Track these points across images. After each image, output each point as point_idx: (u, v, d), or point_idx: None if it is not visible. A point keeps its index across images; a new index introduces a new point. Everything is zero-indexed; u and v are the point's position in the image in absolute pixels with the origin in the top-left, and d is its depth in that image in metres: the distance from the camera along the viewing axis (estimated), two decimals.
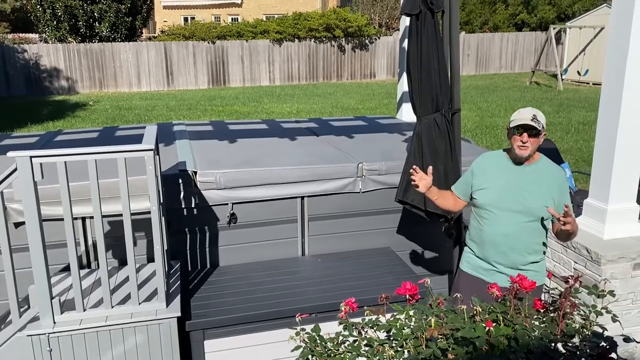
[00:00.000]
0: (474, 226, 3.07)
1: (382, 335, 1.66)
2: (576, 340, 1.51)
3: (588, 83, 19.00)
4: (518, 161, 2.89)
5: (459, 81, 3.70)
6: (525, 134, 2.77)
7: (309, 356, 1.58)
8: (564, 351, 1.41)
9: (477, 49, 23.17)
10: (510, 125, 2.83)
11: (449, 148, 3.63)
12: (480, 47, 23.19)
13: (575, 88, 18.55)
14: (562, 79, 18.73)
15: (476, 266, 3.08)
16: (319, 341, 1.62)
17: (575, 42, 19.85)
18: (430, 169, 3.02)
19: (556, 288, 1.69)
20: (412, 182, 2.99)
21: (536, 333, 1.41)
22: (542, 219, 2.87)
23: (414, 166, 2.99)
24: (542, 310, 1.57)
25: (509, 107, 14.43)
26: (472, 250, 3.10)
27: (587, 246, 3.74)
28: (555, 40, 19.44)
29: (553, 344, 1.39)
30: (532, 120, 2.74)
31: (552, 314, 1.60)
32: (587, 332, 1.52)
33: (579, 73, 19.09)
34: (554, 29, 19.51)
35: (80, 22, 19.97)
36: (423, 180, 2.96)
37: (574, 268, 3.87)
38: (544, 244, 2.97)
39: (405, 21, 4.82)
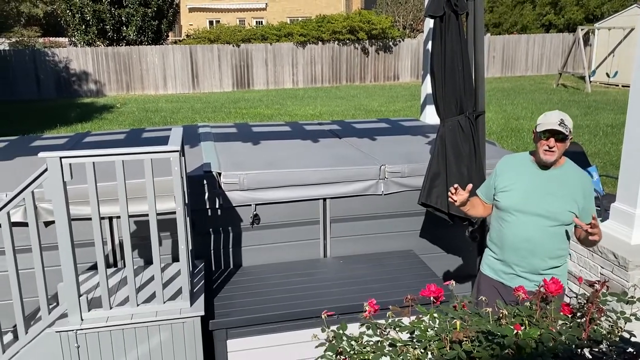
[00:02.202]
0: (495, 228, 3.02)
1: (404, 336, 1.66)
2: (603, 346, 1.48)
3: (617, 85, 18.62)
4: (543, 165, 2.84)
5: (483, 83, 3.67)
6: (552, 139, 2.71)
7: (333, 355, 1.59)
8: (590, 357, 1.39)
9: (503, 50, 22.91)
10: (537, 130, 2.78)
11: (473, 150, 3.60)
12: (506, 49, 22.92)
13: (604, 90, 18.19)
14: (590, 81, 18.39)
15: (496, 269, 3.03)
16: (344, 339, 1.63)
17: (604, 43, 19.46)
18: (469, 186, 2.96)
19: (579, 294, 1.66)
20: (450, 199, 2.95)
21: (562, 337, 1.39)
22: (565, 224, 2.81)
23: (456, 185, 2.94)
24: (569, 315, 1.55)
25: (535, 110, 14.23)
26: (493, 253, 3.06)
27: (614, 251, 3.67)
28: (583, 41, 19.10)
29: (580, 349, 1.37)
30: (559, 125, 2.67)
31: (579, 320, 1.58)
32: (614, 338, 1.50)
33: (607, 75, 18.72)
34: (582, 30, 19.18)
35: (108, 26, 20.37)
36: (461, 196, 2.91)
37: (600, 273, 3.80)
38: (566, 249, 2.92)
39: (430, 23, 4.80)
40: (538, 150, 2.81)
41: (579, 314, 1.55)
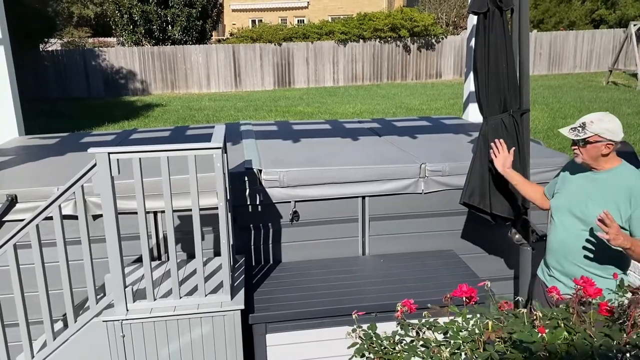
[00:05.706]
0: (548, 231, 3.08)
1: (439, 336, 1.66)
2: None
3: None
4: (591, 168, 2.79)
5: (528, 81, 3.59)
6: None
7: (365, 352, 1.60)
8: None
9: (550, 47, 22.25)
10: None
11: (517, 149, 3.53)
12: (553, 45, 22.26)
13: None
14: None
15: (543, 270, 3.09)
16: (374, 339, 1.64)
17: None
18: (513, 149, 3.18)
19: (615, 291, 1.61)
20: (491, 153, 3.17)
21: (598, 342, 1.35)
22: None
23: (500, 139, 3.16)
24: (607, 318, 1.51)
25: (584, 108, 13.78)
26: (545, 254, 3.09)
27: None
28: (635, 37, 18.34)
29: (621, 354, 1.33)
30: (569, 131, 2.71)
31: (620, 325, 1.53)
32: None
33: None
34: (634, 25, 18.42)
35: (155, 26, 20.89)
36: (502, 154, 3.15)
37: None
38: (613, 260, 2.72)
39: (473, 20, 4.73)
40: None
41: (617, 316, 1.51)
